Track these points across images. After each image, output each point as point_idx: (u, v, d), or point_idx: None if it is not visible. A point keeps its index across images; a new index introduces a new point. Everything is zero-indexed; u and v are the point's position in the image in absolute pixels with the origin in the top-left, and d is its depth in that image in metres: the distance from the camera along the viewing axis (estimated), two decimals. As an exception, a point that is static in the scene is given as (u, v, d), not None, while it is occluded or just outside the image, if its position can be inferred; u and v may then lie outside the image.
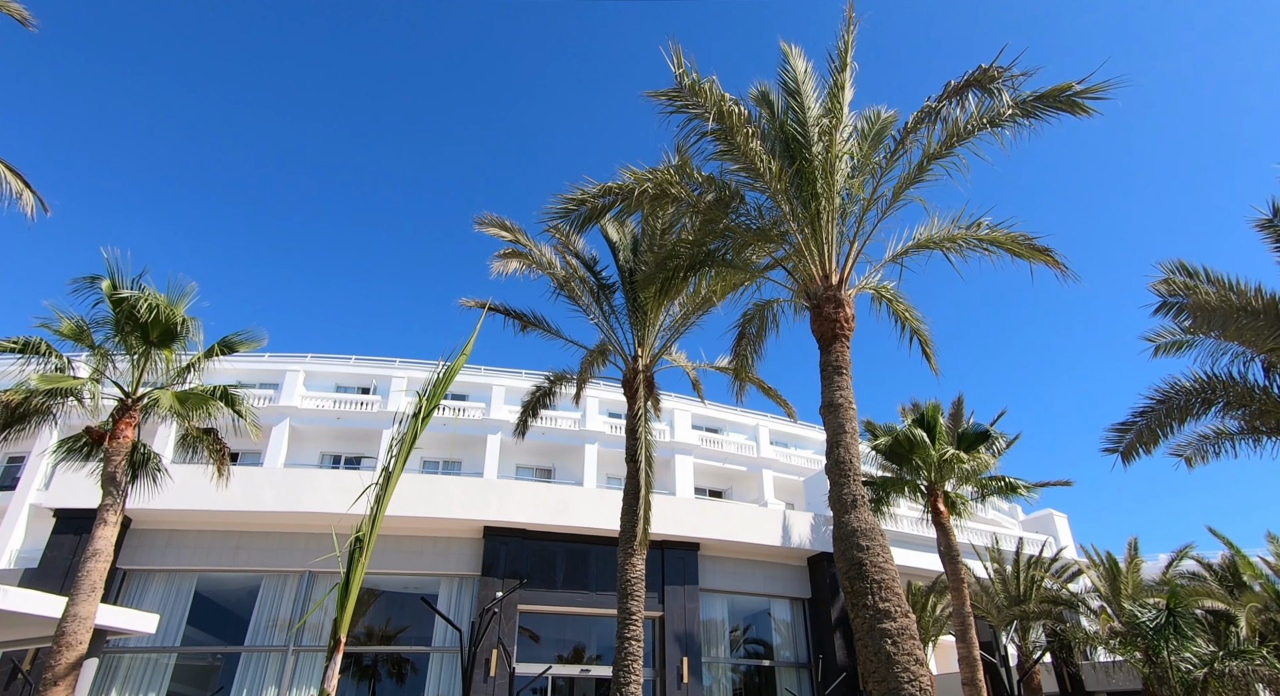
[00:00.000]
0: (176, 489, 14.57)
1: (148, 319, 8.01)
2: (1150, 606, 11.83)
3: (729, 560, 20.23)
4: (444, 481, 19.11)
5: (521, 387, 25.20)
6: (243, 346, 9.26)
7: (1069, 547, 27.87)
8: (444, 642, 17.30)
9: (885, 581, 6.60)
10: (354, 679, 17.82)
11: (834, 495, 7.33)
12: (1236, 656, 10.86)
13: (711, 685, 18.83)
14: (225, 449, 9.77)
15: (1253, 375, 8.45)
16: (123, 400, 8.51)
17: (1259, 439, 8.88)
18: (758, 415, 32.44)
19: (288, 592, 16.97)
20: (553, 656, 18.15)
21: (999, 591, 20.80)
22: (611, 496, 17.60)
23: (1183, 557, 20.40)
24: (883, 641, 6.20)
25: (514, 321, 13.40)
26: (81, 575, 7.54)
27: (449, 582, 17.99)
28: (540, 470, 28.53)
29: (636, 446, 11.65)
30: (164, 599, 16.16)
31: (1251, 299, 7.61)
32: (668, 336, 13.09)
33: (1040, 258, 8.52)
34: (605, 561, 18.25)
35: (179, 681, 16.11)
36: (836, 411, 7.73)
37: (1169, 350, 9.03)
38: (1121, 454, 9.49)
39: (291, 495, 16.82)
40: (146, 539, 16.47)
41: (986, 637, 20.96)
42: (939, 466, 12.64)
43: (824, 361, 8.19)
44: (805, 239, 8.56)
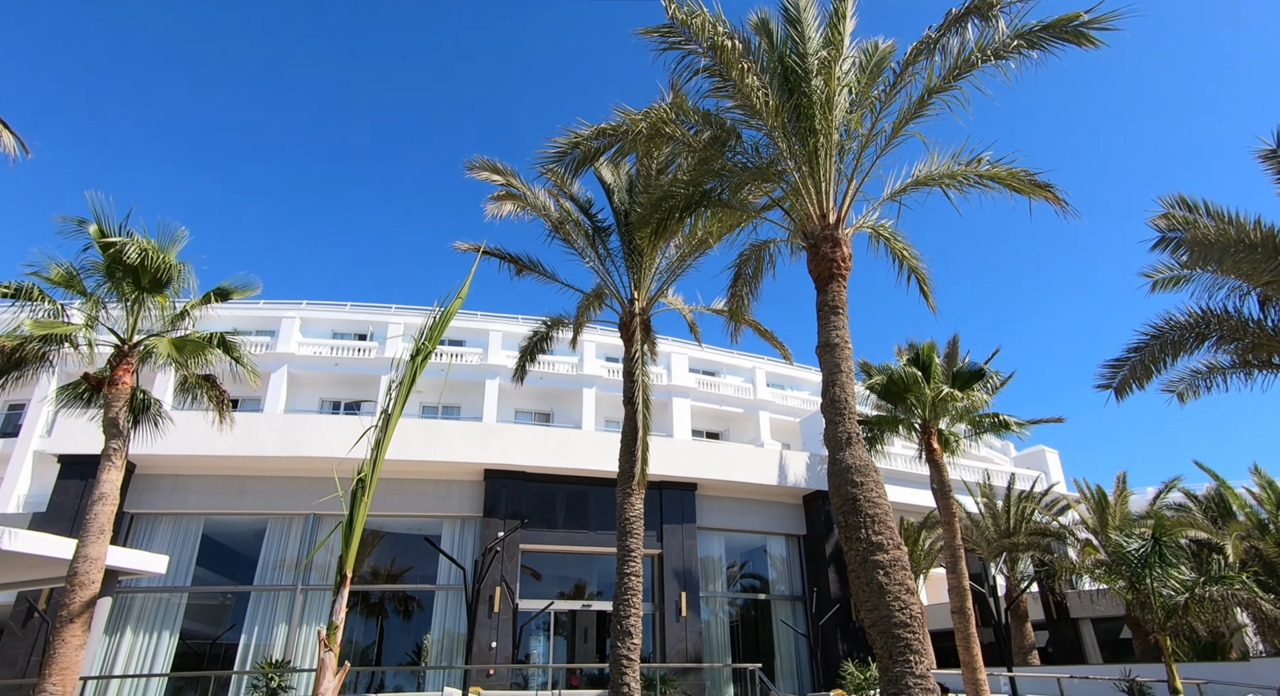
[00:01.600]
0: (179, 434, 14.72)
1: (139, 264, 7.91)
2: (1136, 536, 12.18)
3: (726, 499, 20.65)
4: (444, 426, 19.32)
5: (518, 332, 25.23)
6: (237, 293, 9.21)
7: (1059, 483, 28.46)
8: (448, 581, 17.79)
9: (878, 516, 6.74)
10: (362, 615, 18.40)
11: (829, 433, 7.42)
12: (1217, 582, 11.25)
13: (709, 618, 19.46)
14: (225, 395, 9.82)
15: (1248, 309, 8.47)
16: (119, 346, 8.50)
17: (1250, 372, 8.96)
18: (754, 357, 32.58)
19: (293, 534, 17.36)
20: (555, 593, 18.70)
21: (989, 525, 21.37)
22: (610, 439, 17.84)
23: (1170, 490, 20.89)
24: (875, 572, 6.37)
25: (509, 265, 13.29)
26: (89, 518, 7.68)
27: (452, 523, 18.38)
28: (539, 414, 28.80)
29: (634, 389, 11.72)
30: (172, 541, 16.55)
31: (1250, 232, 7.56)
32: (664, 279, 13.02)
33: (1041, 193, 8.41)
34: (604, 502, 18.62)
35: (191, 619, 16.64)
36: (833, 351, 7.76)
37: (1166, 285, 9.02)
38: (1115, 389, 9.59)
39: (293, 440, 17.02)
40: (152, 483, 16.75)
41: (976, 569, 21.62)
42: (933, 405, 12.77)
43: (820, 301, 8.18)
44: (803, 177, 8.43)
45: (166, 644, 15.81)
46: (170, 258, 8.18)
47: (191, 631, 16.69)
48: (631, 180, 12.92)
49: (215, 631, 17.31)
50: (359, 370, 26.20)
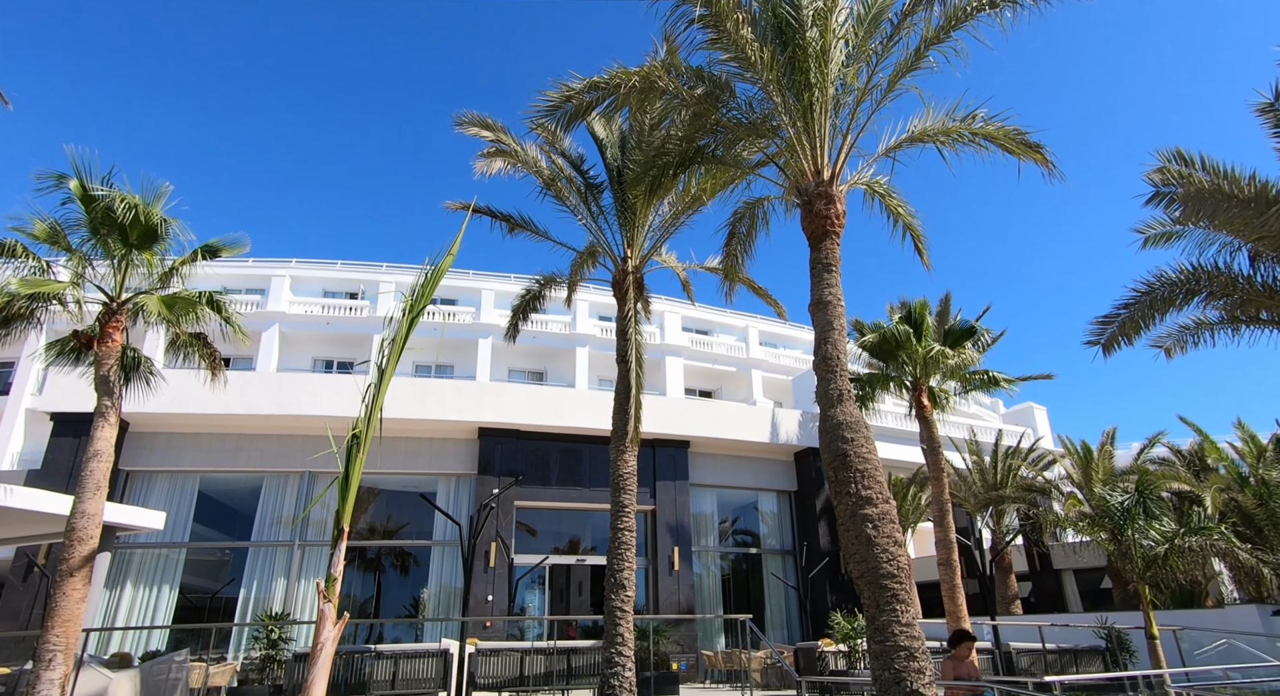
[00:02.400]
0: (171, 393, 14.71)
1: (125, 219, 7.77)
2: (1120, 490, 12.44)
3: (718, 456, 20.90)
4: (437, 384, 19.36)
5: (511, 291, 25.14)
6: (226, 250, 9.09)
7: (1046, 438, 28.89)
8: (444, 537, 18.05)
9: (868, 471, 6.82)
10: (360, 570, 18.70)
11: (821, 390, 7.47)
12: (1196, 533, 11.55)
13: (701, 572, 19.87)
14: (216, 353, 9.78)
15: (1238, 265, 8.50)
16: (107, 304, 8.42)
17: (1238, 328, 9.03)
18: (747, 316, 32.64)
19: (289, 492, 17.53)
20: (549, 548, 19.01)
21: (976, 480, 21.75)
22: (603, 397, 17.94)
23: (1154, 444, 21.27)
24: (864, 526, 6.47)
25: (501, 223, 13.15)
26: (85, 474, 7.71)
27: (447, 481, 18.58)
28: (532, 373, 28.89)
29: (627, 347, 11.72)
30: (168, 498, 16.69)
31: (1244, 186, 7.53)
32: (657, 237, 12.91)
33: (1030, 154, 8.33)
34: (598, 459, 18.81)
35: (191, 574, 16.91)
36: (825, 309, 7.76)
37: (1158, 241, 9.01)
38: (1103, 346, 9.65)
39: (286, 398, 17.05)
40: (146, 441, 16.81)
41: (963, 523, 22.07)
42: (924, 362, 12.85)
43: (814, 259, 8.15)
44: (797, 132, 8.31)
45: (167, 598, 16.09)
46: (156, 213, 8.04)
47: (191, 585, 16.97)
48: (624, 136, 12.72)
49: (215, 585, 17.60)
50: (351, 329, 26.14)
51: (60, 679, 7.07)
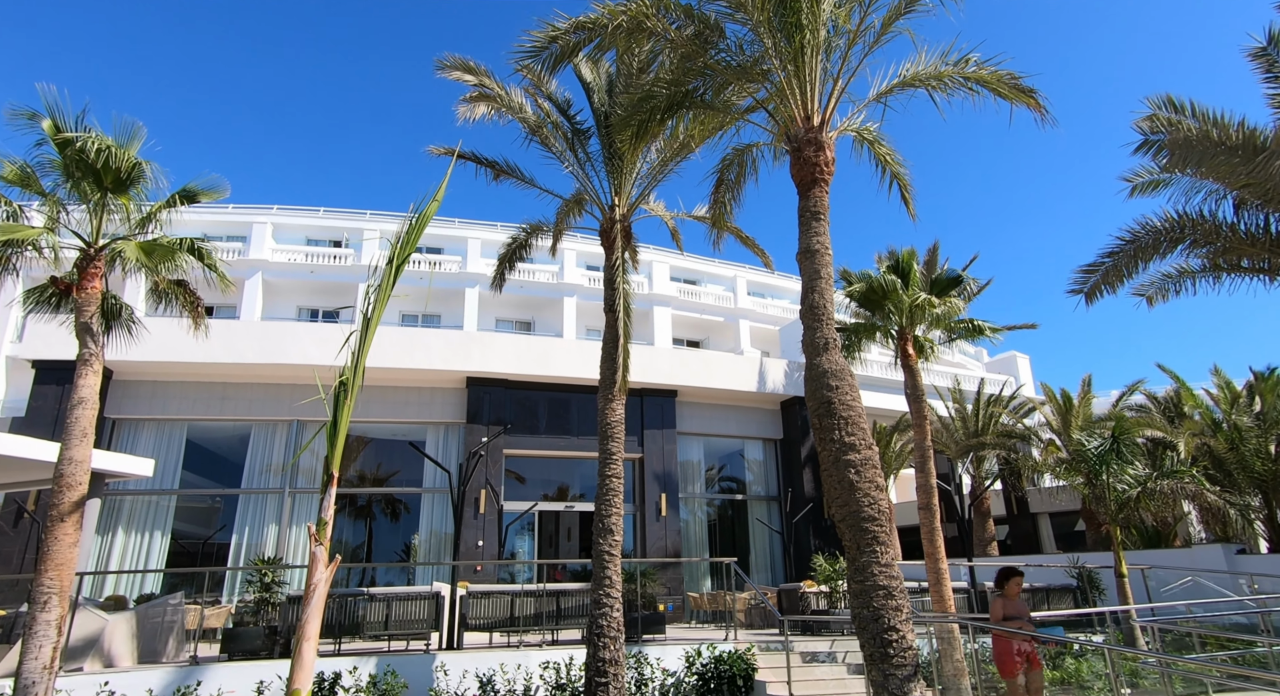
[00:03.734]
0: (155, 341, 14.58)
1: (99, 162, 7.55)
2: (1097, 435, 12.74)
3: (706, 405, 21.12)
4: (424, 334, 19.31)
5: (497, 240, 24.88)
6: (204, 196, 8.89)
7: (1028, 386, 29.36)
8: (434, 484, 18.27)
9: (852, 418, 6.91)
10: (351, 517, 18.97)
11: (807, 338, 7.51)
12: (1168, 476, 11.91)
13: (688, 517, 20.29)
14: (199, 301, 9.67)
15: (1223, 213, 8.54)
16: (84, 250, 8.25)
17: (1219, 276, 9.12)
18: (735, 266, 32.55)
19: (278, 440, 17.60)
20: (538, 495, 19.31)
21: (958, 428, 22.16)
22: (591, 347, 17.98)
23: (1132, 392, 21.69)
24: (846, 471, 6.60)
25: (486, 170, 12.89)
26: (71, 421, 7.68)
27: (435, 429, 18.70)
28: (520, 323, 28.84)
29: (615, 296, 11.68)
30: (156, 446, 16.73)
31: (1232, 133, 7.50)
32: (645, 184, 12.74)
33: (1023, 99, 8.22)
34: (586, 408, 18.96)
35: (182, 521, 17.09)
36: (813, 257, 7.75)
37: (1145, 190, 9.01)
38: (1086, 294, 9.73)
39: (272, 347, 16.97)
40: (131, 389, 16.75)
41: (944, 469, 22.56)
42: (910, 311, 12.91)
43: (802, 207, 8.09)
44: (788, 76, 8.15)
45: (159, 543, 16.29)
46: (131, 155, 7.81)
47: (183, 532, 17.17)
48: (612, 80, 12.43)
49: (206, 532, 17.82)
50: (336, 278, 25.87)
51: (57, 620, 7.19)
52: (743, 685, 10.59)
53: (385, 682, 9.47)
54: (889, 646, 5.71)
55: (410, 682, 9.69)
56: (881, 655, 5.73)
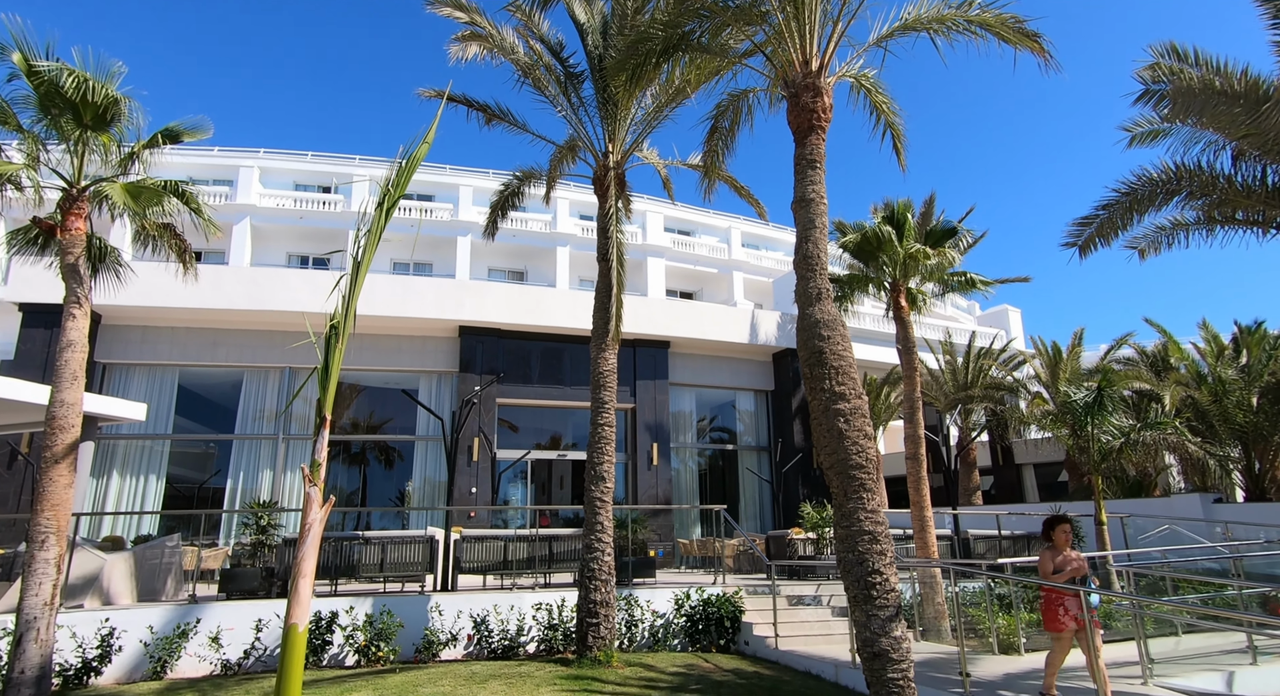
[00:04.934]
0: (143, 285, 14.45)
1: (77, 97, 7.33)
2: (1084, 388, 12.91)
3: (698, 357, 21.21)
4: (416, 282, 19.18)
5: (489, 188, 24.55)
6: (188, 135, 8.67)
7: (1019, 340, 29.56)
8: (427, 432, 18.41)
9: (842, 368, 6.95)
10: (345, 464, 19.15)
11: (800, 289, 7.50)
12: (1151, 427, 12.13)
13: (679, 467, 20.59)
14: (187, 245, 9.54)
15: (1220, 164, 8.47)
16: (66, 190, 8.08)
17: (1212, 229, 9.10)
18: (729, 217, 32.28)
19: (270, 386, 17.64)
20: (531, 444, 19.50)
21: (948, 380, 22.38)
22: (584, 297, 17.93)
23: (1121, 345, 21.89)
24: (836, 420, 6.66)
25: (478, 114, 12.61)
26: (60, 364, 7.66)
27: (428, 378, 18.75)
28: (512, 272, 28.67)
29: (608, 246, 11.59)
30: (148, 390, 16.73)
31: (1235, 82, 7.38)
32: (639, 131, 12.51)
33: (1027, 43, 8.03)
34: (579, 358, 19.01)
35: (176, 465, 17.24)
36: (808, 206, 7.67)
37: (1144, 140, 8.90)
38: (1079, 247, 9.71)
39: (262, 293, 16.84)
40: (121, 334, 16.67)
41: (932, 421, 22.87)
42: (904, 263, 12.87)
43: (798, 154, 7.97)
44: (787, 18, 7.93)
45: (154, 487, 16.45)
46: (109, 91, 7.58)
47: (178, 476, 17.33)
48: (606, 21, 12.09)
49: (201, 476, 17.98)
50: (325, 224, 25.54)
51: (55, 559, 7.30)
52: (730, 626, 10.92)
53: (382, 621, 9.71)
54: (872, 588, 5.87)
55: (406, 622, 9.95)
56: (865, 597, 5.89)
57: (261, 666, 9.42)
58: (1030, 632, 9.40)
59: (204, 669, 9.25)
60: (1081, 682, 7.48)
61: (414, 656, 9.94)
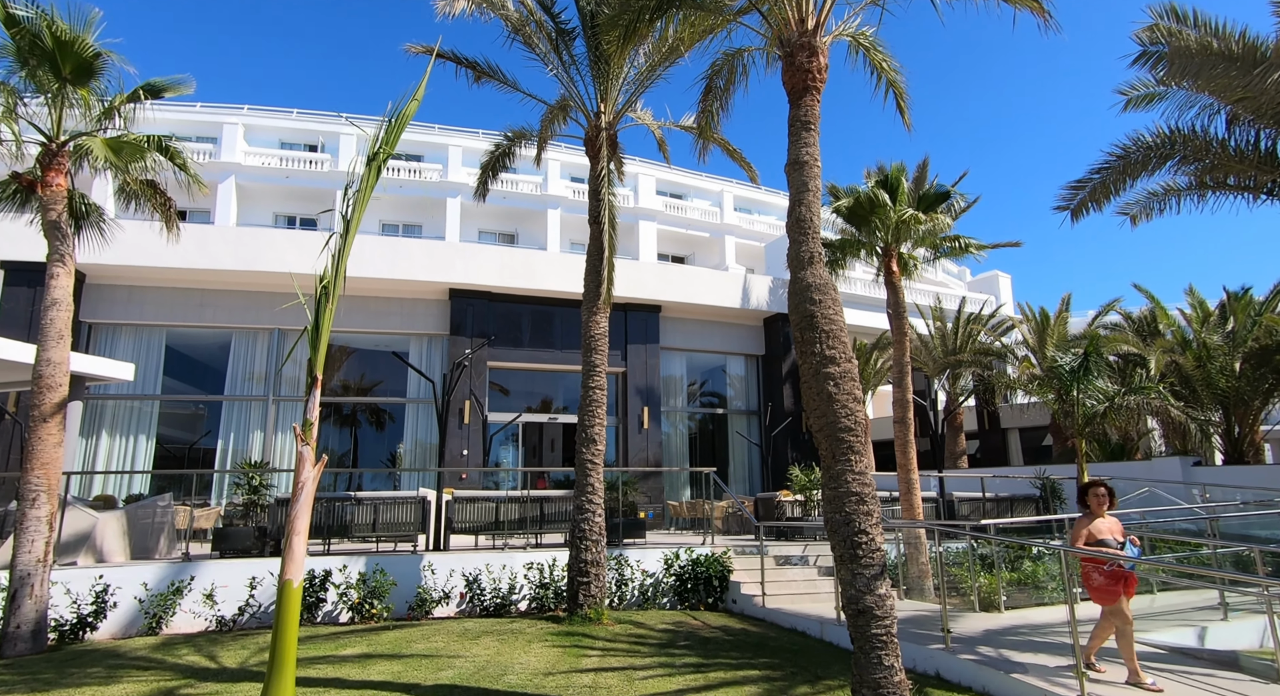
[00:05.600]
0: (127, 244, 14.27)
1: (54, 48, 7.13)
2: (1071, 353, 13.03)
3: (689, 321, 21.22)
4: (406, 244, 18.99)
5: (479, 148, 24.20)
6: (169, 90, 8.46)
7: (1008, 305, 29.72)
8: (418, 394, 18.44)
9: (833, 331, 6.95)
10: (336, 426, 19.18)
11: (792, 252, 7.46)
12: (1135, 392, 12.30)
13: (669, 430, 20.74)
14: (171, 203, 9.38)
15: (1215, 128, 8.44)
16: (46, 145, 7.90)
17: (1204, 194, 9.10)
18: (722, 181, 32.00)
19: (259, 348, 17.56)
20: (522, 407, 19.57)
21: (937, 345, 22.54)
22: (575, 260, 17.82)
23: (1108, 311, 22.04)
24: (826, 383, 6.69)
25: (467, 71, 12.34)
26: (46, 323, 7.58)
27: (418, 341, 18.70)
28: (503, 235, 28.41)
29: (600, 208, 11.48)
30: (135, 351, 16.62)
31: (1233, 44, 7.30)
32: (632, 91, 12.30)
33: (1026, 2, 7.90)
34: (570, 322, 18.99)
35: (166, 426, 17.21)
36: (801, 169, 7.59)
37: (1139, 103, 8.84)
38: (1071, 211, 9.70)
39: (249, 254, 16.66)
40: (106, 294, 16.50)
41: (921, 386, 23.10)
42: (896, 227, 12.84)
43: (792, 116, 7.86)
44: (782, -27, 7.76)
45: (144, 447, 16.45)
46: (89, 42, 7.37)
47: (168, 436, 17.32)
48: (598, -24, 11.79)
49: (191, 437, 17.98)
50: (312, 183, 25.14)
51: (47, 516, 7.34)
52: (718, 585, 11.14)
53: (375, 580, 9.85)
54: (858, 547, 5.97)
55: (399, 580, 10.09)
56: (851, 556, 5.99)
57: (256, 622, 9.56)
58: (1010, 591, 9.64)
59: (199, 625, 9.38)
60: (1059, 638, 7.70)
61: (407, 614, 10.10)
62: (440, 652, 7.83)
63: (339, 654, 7.86)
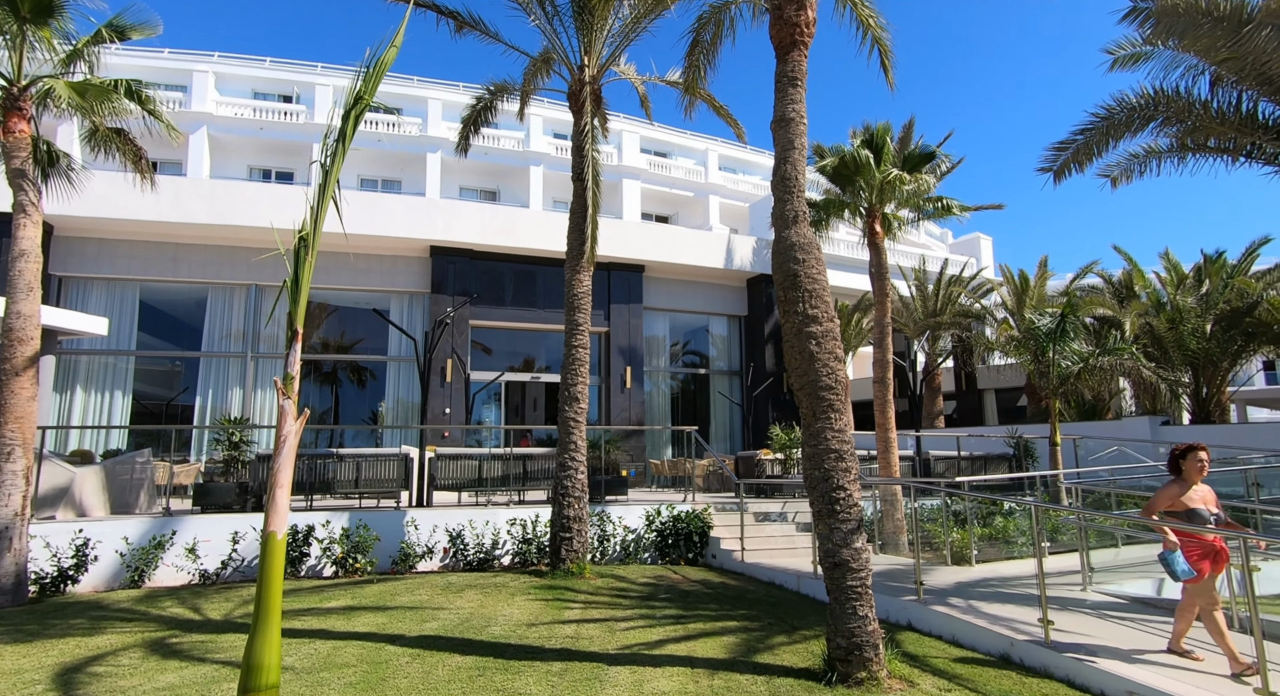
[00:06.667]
0: (97, 195, 13.90)
1: (10, -17, 6.82)
2: (1049, 315, 13.22)
3: (672, 281, 21.17)
4: (386, 199, 18.65)
5: (460, 102, 23.64)
6: (135, 32, 8.12)
7: (989, 268, 29.93)
8: (400, 353, 18.33)
9: (816, 291, 6.97)
10: (317, 383, 19.06)
11: (777, 211, 7.43)
12: (1109, 353, 12.55)
13: (651, 390, 20.86)
14: (142, 152, 9.10)
15: (1198, 90, 8.46)
16: (7, 89, 7.60)
17: (1184, 156, 9.16)
18: (707, 139, 31.63)
19: (236, 304, 17.30)
20: (504, 366, 19.55)
21: (918, 307, 22.72)
22: (558, 218, 17.64)
23: (1086, 273, 22.30)
24: (808, 342, 6.73)
25: (448, 21, 11.96)
26: (14, 275, 7.40)
27: (400, 298, 18.52)
28: (485, 192, 27.99)
29: (584, 164, 11.30)
30: (108, 306, 16.31)
31: (1220, 2, 7.28)
32: (616, 43, 12.02)
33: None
34: (553, 281, 18.88)
35: (142, 382, 17.01)
36: (788, 126, 7.51)
37: (1125, 63, 8.81)
38: (1054, 172, 9.73)
39: (224, 207, 16.29)
40: (76, 246, 16.12)
41: (901, 347, 23.36)
42: (881, 188, 12.80)
43: (779, 71, 7.73)
44: (773, -79, 7.56)
45: (120, 403, 16.27)
46: (48, -22, 7.06)
47: (144, 393, 17.13)
48: (583, -79, 11.41)
49: (169, 394, 17.80)
50: (288, 136, 24.49)
51: (23, 470, 7.27)
52: (698, 541, 11.35)
53: (358, 535, 9.91)
54: (836, 503, 6.09)
55: (382, 536, 10.17)
56: (829, 511, 6.12)
57: (240, 576, 9.62)
58: (981, 545, 9.92)
59: (181, 578, 9.42)
60: (1028, 589, 7.97)
61: (391, 568, 10.21)
62: (424, 605, 7.94)
63: (323, 606, 7.95)
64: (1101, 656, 5.49)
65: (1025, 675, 5.60)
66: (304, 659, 5.88)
